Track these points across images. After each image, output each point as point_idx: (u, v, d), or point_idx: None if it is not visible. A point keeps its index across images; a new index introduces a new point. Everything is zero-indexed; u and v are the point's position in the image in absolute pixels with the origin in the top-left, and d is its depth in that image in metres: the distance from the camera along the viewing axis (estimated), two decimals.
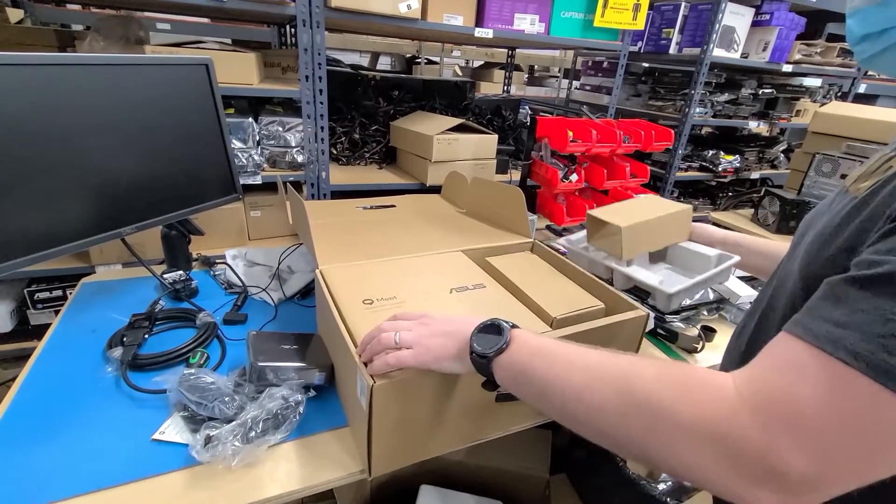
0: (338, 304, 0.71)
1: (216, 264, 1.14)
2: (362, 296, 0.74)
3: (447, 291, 0.78)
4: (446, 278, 0.82)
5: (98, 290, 1.02)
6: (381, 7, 1.39)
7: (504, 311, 0.75)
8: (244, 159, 1.44)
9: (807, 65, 2.30)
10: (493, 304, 0.76)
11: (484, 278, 0.83)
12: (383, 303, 0.73)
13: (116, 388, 0.74)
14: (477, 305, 0.75)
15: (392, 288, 0.77)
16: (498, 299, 0.78)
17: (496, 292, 0.80)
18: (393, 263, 0.87)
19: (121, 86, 0.85)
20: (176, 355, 0.80)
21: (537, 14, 1.72)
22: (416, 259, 0.89)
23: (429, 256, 0.90)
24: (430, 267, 0.86)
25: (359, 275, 0.81)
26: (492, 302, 0.77)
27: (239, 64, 1.37)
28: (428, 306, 0.74)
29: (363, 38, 3.52)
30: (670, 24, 2.14)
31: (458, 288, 0.79)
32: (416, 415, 0.63)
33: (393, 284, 0.78)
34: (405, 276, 0.82)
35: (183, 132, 0.96)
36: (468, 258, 0.90)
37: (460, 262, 0.89)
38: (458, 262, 0.89)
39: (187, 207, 0.99)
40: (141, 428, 0.67)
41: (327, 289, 0.76)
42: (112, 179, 0.85)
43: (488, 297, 0.78)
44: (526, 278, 0.83)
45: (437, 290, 0.78)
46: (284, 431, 0.65)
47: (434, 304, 0.74)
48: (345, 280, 0.78)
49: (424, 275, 0.83)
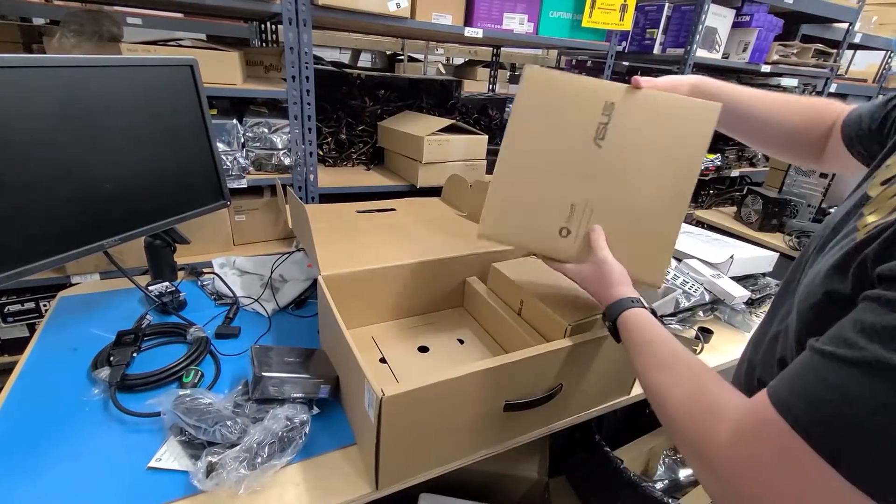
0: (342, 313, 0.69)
1: (203, 274, 1.09)
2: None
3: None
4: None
5: (78, 305, 0.96)
6: (369, 5, 1.35)
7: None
8: (229, 162, 1.38)
9: (784, 65, 2.36)
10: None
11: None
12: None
13: (105, 413, 0.70)
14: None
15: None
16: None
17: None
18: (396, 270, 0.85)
19: (100, 89, 0.79)
20: (168, 374, 0.75)
21: (526, 14, 1.71)
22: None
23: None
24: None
25: (362, 282, 0.78)
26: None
27: (222, 63, 1.32)
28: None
29: (343, 35, 3.45)
30: (654, 25, 2.16)
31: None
32: (424, 428, 0.61)
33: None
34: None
35: (167, 137, 0.91)
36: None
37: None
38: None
39: (174, 216, 0.94)
40: (135, 455, 0.63)
41: (331, 297, 0.73)
42: (92, 189, 0.80)
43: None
44: (535, 286, 0.82)
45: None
46: (291, 454, 0.62)
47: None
48: (343, 287, 0.76)
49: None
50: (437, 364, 0.81)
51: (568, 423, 0.79)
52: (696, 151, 0.66)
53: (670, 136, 0.66)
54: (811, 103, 0.71)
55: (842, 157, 0.65)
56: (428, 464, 0.65)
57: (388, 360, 0.80)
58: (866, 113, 0.60)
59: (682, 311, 1.04)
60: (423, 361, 0.81)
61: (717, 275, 1.14)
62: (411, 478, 0.64)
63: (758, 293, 1.18)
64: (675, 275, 1.09)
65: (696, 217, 2.18)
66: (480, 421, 0.67)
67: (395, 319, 0.92)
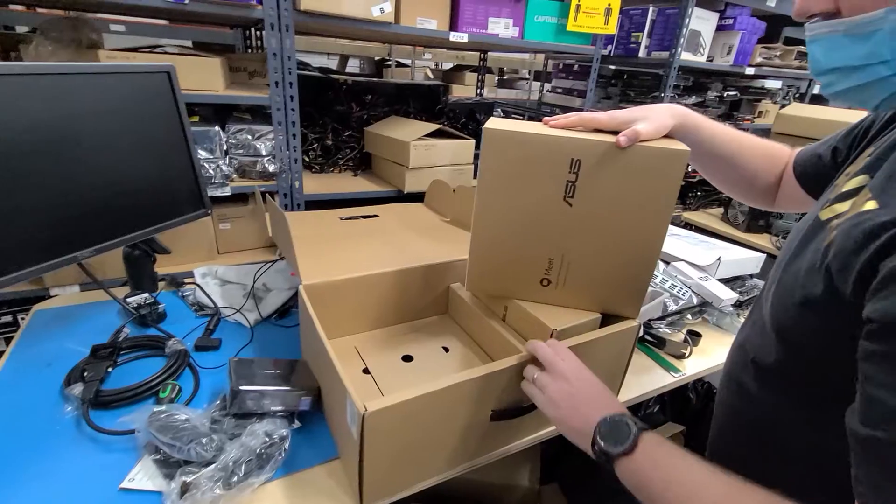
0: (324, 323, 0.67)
1: (185, 284, 1.07)
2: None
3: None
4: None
5: (54, 318, 0.93)
6: (352, 10, 1.35)
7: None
8: (211, 170, 1.36)
9: (767, 67, 2.39)
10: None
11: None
12: None
13: (77, 431, 0.67)
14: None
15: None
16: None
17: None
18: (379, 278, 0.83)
19: (74, 97, 0.77)
20: (144, 389, 0.73)
21: (511, 18, 1.71)
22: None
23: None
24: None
25: (344, 290, 0.77)
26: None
27: (203, 69, 1.30)
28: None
29: (330, 41, 3.44)
30: (639, 28, 2.18)
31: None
32: (410, 441, 0.59)
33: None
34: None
35: (144, 145, 0.89)
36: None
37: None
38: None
39: (152, 226, 0.92)
40: (107, 475, 0.61)
41: (311, 307, 0.72)
42: (65, 199, 0.78)
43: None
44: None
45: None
46: (270, 471, 0.60)
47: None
48: (325, 296, 0.74)
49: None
50: (421, 373, 0.79)
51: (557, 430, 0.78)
52: (667, 199, 0.65)
53: (640, 187, 0.64)
54: (769, 146, 0.74)
55: (796, 195, 0.69)
56: (414, 477, 0.64)
57: (372, 370, 0.78)
58: (824, 148, 0.65)
59: (670, 314, 1.04)
60: (407, 371, 0.80)
61: (705, 277, 1.14)
62: (398, 493, 0.63)
63: (745, 295, 1.18)
64: (662, 278, 1.09)
65: (684, 219, 2.19)
66: (468, 431, 0.65)
67: (379, 328, 0.90)
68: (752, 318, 0.61)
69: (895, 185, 0.41)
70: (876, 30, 0.41)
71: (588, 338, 0.70)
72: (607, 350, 0.75)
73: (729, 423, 0.62)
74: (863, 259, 0.38)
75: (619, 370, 0.82)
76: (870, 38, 0.41)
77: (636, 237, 0.68)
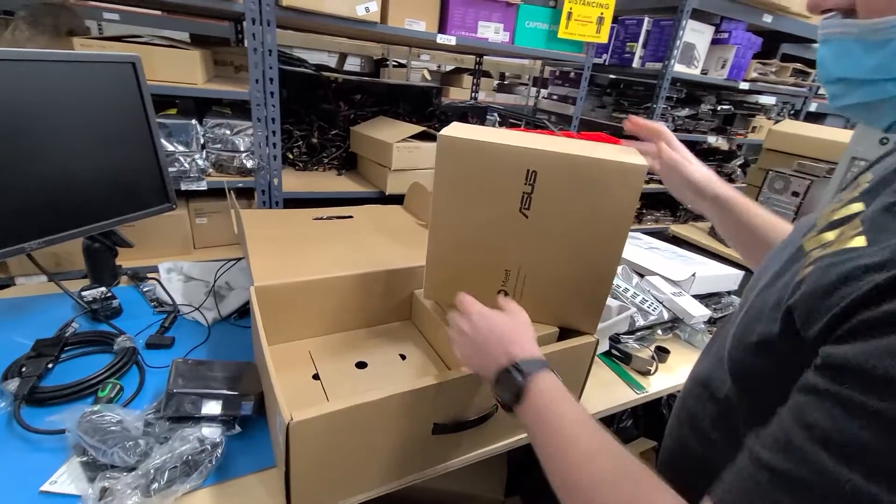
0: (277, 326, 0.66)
1: (147, 279, 1.05)
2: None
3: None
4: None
5: (7, 309, 0.91)
6: (336, 8, 1.33)
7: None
8: (187, 164, 1.34)
9: (762, 83, 2.38)
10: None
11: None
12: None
13: (7, 429, 0.65)
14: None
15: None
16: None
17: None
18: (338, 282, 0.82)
19: (29, 84, 0.75)
20: (83, 388, 0.71)
21: (502, 23, 1.69)
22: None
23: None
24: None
25: (300, 293, 0.75)
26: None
27: (181, 62, 1.28)
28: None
29: (328, 38, 3.43)
30: (634, 38, 2.17)
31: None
32: (343, 453, 0.57)
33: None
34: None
35: (105, 136, 0.87)
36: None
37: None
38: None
39: (109, 218, 0.90)
40: (30, 477, 0.58)
41: (258, 309, 0.70)
42: (14, 188, 0.76)
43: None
44: None
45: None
46: (197, 479, 0.58)
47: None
48: (280, 298, 0.72)
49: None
50: (372, 381, 0.77)
51: (510, 444, 0.76)
52: (624, 214, 0.63)
53: (596, 202, 0.62)
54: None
55: None
56: (348, 490, 0.61)
57: (322, 376, 0.76)
58: None
59: (638, 329, 1.02)
60: (358, 378, 0.78)
61: (679, 293, 1.12)
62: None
63: (720, 312, 1.16)
64: (634, 292, 1.07)
65: (671, 232, 2.17)
66: (408, 444, 0.63)
67: (338, 332, 0.88)
68: (714, 344, 0.54)
69: (888, 221, 0.34)
70: (890, 39, 0.35)
71: (543, 352, 0.68)
72: (564, 365, 0.73)
73: (678, 456, 0.55)
74: (835, 306, 0.32)
75: (577, 385, 0.80)
76: (883, 48, 0.36)
77: (592, 252, 0.67)
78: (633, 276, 1.14)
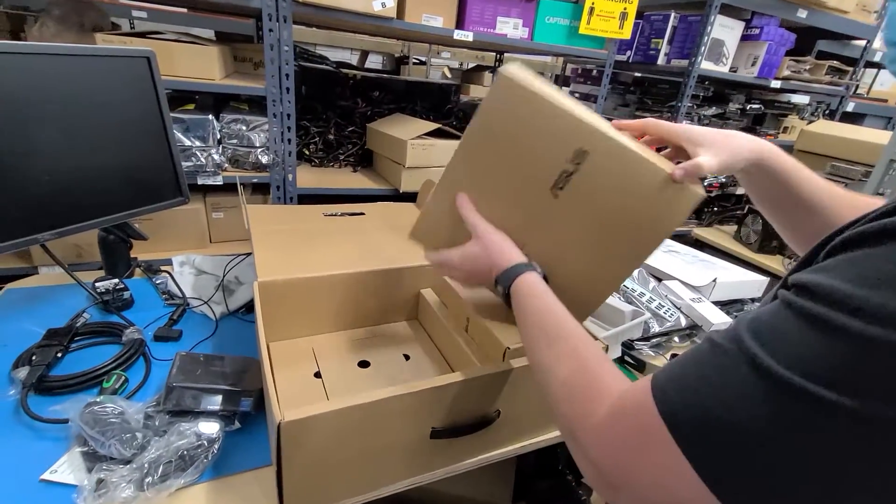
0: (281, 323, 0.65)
1: (160, 272, 1.06)
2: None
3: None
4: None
5: (23, 298, 0.94)
6: (352, 4, 1.32)
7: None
8: (203, 158, 1.36)
9: (795, 81, 2.27)
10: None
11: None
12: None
13: (15, 416, 0.66)
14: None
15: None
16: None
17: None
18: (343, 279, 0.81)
19: (45, 78, 0.77)
20: (90, 378, 0.72)
21: (521, 18, 1.66)
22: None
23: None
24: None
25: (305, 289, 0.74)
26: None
27: (199, 57, 1.29)
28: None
29: (350, 36, 3.44)
30: (659, 35, 2.10)
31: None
32: (337, 454, 0.56)
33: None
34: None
35: (118, 130, 0.88)
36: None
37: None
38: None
39: (122, 211, 0.91)
40: (33, 465, 0.59)
41: (261, 304, 0.69)
42: (27, 181, 0.77)
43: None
44: (482, 301, 0.76)
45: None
46: (192, 474, 0.58)
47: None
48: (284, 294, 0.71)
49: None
50: (374, 381, 0.76)
51: (515, 450, 0.74)
52: (660, 231, 0.57)
53: (638, 210, 0.56)
54: (857, 198, 0.60)
55: None
56: (343, 492, 0.60)
57: (324, 374, 0.76)
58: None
59: (654, 335, 0.98)
60: (360, 378, 0.76)
61: (698, 298, 1.07)
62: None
63: None
64: (650, 297, 1.03)
65: (694, 235, 2.10)
66: (406, 448, 0.62)
67: (343, 330, 0.87)
68: None
69: None
70: None
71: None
72: None
73: None
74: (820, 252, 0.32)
75: None
76: None
77: (612, 256, 0.61)
78: (649, 279, 1.10)
